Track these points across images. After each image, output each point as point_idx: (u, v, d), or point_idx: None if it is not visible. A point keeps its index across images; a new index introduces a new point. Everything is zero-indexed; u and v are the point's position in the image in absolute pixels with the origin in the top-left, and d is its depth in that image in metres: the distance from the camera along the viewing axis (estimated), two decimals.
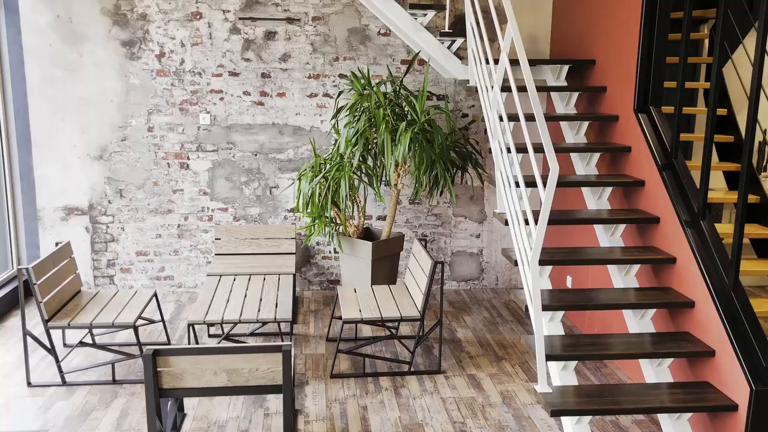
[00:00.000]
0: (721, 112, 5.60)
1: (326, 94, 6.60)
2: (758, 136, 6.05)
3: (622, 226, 4.65)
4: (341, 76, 6.58)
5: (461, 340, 5.68)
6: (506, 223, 4.36)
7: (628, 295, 4.16)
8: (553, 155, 3.51)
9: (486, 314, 6.33)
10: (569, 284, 6.08)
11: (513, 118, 4.95)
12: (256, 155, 6.65)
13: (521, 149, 4.72)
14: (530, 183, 4.42)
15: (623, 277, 4.45)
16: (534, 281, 3.71)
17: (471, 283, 7.15)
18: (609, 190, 4.91)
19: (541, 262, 4.15)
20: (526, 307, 4.11)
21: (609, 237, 4.67)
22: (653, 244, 4.53)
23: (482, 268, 7.13)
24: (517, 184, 4.25)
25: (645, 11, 4.73)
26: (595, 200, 4.88)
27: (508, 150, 4.41)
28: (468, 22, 5.26)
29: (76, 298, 5.12)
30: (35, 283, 4.49)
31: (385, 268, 6.10)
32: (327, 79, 6.57)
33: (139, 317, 4.78)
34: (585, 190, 4.99)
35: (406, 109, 5.99)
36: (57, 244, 5.13)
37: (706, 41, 6.17)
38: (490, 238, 7.05)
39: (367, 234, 6.47)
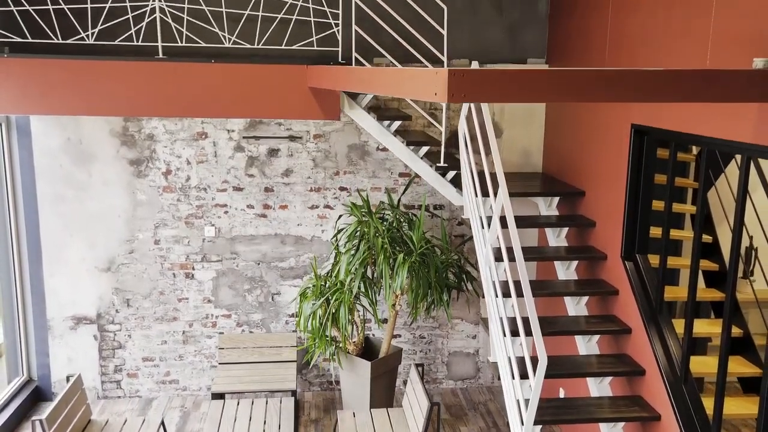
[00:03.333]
0: (707, 239, 5.83)
1: (327, 206, 6.83)
2: (745, 240, 6.27)
3: (611, 376, 4.86)
4: (342, 188, 6.82)
5: None
6: (499, 378, 4.58)
7: None
8: (541, 344, 3.73)
9: (482, 423, 6.52)
10: (562, 395, 6.28)
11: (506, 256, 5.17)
12: (258, 264, 6.88)
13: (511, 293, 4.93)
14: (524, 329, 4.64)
15: (611, 429, 4.66)
16: None
17: (468, 382, 7.35)
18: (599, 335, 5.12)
19: (534, 422, 4.36)
20: None
21: (598, 385, 4.88)
22: (640, 394, 4.75)
23: (478, 367, 7.34)
24: (509, 332, 4.46)
25: (632, 156, 4.95)
26: (585, 344, 5.10)
27: (496, 294, 4.64)
28: (462, 159, 5.50)
29: (87, 430, 5.32)
30: None
31: (384, 383, 6.31)
32: (328, 192, 6.81)
33: None
34: (577, 337, 5.20)
35: (405, 228, 6.22)
36: (68, 379, 5.35)
37: (693, 164, 6.41)
38: (485, 339, 7.26)
39: (367, 345, 6.68)
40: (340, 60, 5.58)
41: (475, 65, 5.03)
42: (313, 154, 6.73)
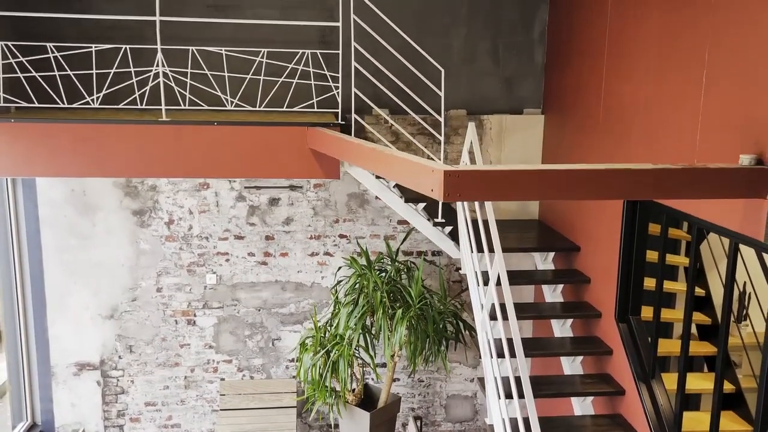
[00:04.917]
0: (699, 292, 5.92)
1: (327, 253, 6.94)
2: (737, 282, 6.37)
3: None
4: (341, 236, 6.92)
5: None
6: None
7: None
8: (535, 418, 3.83)
9: None
10: None
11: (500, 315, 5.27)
12: (259, 310, 6.98)
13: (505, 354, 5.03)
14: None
15: None
16: None
17: (466, 424, 7.45)
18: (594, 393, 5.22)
19: None
20: None
21: None
22: None
23: (476, 410, 7.43)
24: (503, 394, 4.55)
25: (625, 220, 5.05)
26: (580, 403, 5.20)
27: (491, 356, 4.74)
28: (460, 219, 5.60)
29: None
30: None
31: (383, 431, 6.40)
32: (328, 239, 6.92)
33: None
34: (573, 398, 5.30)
35: (404, 279, 6.32)
36: None
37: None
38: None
39: (366, 393, 6.77)
40: (339, 120, 5.68)
41: (471, 127, 5.13)
42: (313, 203, 6.83)
